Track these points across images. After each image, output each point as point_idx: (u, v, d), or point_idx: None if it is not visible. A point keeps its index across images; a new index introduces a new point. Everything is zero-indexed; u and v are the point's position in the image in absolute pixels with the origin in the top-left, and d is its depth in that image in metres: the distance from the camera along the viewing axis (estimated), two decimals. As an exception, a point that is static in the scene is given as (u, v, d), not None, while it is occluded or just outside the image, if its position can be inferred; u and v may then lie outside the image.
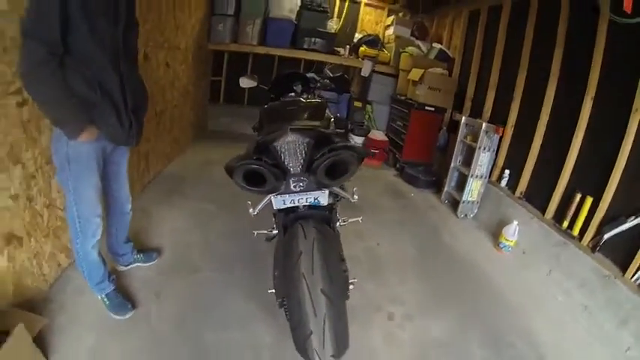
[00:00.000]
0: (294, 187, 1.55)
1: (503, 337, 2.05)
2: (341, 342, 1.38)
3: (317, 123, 1.65)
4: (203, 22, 4.32)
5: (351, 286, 1.57)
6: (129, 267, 2.12)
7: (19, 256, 1.64)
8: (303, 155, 1.50)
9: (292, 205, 1.61)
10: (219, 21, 4.53)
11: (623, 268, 2.18)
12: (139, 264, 2.15)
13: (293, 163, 1.52)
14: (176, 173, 3.56)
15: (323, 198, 1.61)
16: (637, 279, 2.07)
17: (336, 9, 5.43)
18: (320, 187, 1.57)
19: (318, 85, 2.46)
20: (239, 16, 4.60)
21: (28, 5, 1.25)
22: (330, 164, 1.44)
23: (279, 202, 1.60)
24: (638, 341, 1.94)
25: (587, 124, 2.57)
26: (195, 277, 2.16)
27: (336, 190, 1.66)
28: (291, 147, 1.50)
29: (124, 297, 1.87)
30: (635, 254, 2.09)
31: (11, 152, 1.54)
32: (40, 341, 1.52)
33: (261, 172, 1.42)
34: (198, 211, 2.86)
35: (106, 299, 1.81)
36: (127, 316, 1.80)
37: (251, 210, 1.68)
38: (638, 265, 2.07)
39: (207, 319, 1.87)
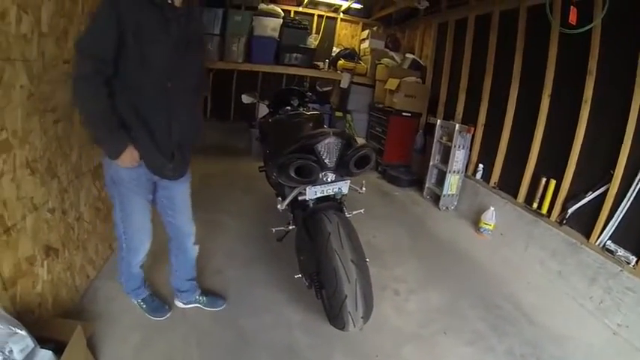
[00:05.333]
0: (326, 179, 1.88)
1: (491, 301, 2.41)
2: (369, 303, 1.66)
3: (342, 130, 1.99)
4: (193, 42, 4.54)
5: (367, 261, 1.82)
6: (188, 306, 1.97)
7: (55, 268, 1.70)
8: (338, 153, 1.85)
9: (322, 195, 1.91)
10: (206, 40, 4.65)
11: (587, 236, 2.56)
12: (200, 306, 1.98)
13: (329, 159, 1.84)
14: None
15: (345, 187, 1.95)
16: (599, 243, 2.45)
17: (315, 25, 5.77)
18: (346, 177, 1.93)
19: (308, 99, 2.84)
20: (225, 36, 4.83)
21: (88, 24, 1.38)
22: (358, 158, 1.81)
23: (313, 192, 1.88)
24: (607, 294, 2.29)
25: (546, 119, 2.99)
26: (220, 276, 2.33)
27: (350, 184, 2.00)
28: (330, 147, 1.83)
29: (160, 300, 1.94)
30: (595, 222, 2.48)
31: (49, 167, 1.64)
32: (88, 347, 1.56)
33: (309, 166, 1.74)
34: (208, 221, 2.95)
35: (142, 303, 1.88)
36: (166, 316, 1.89)
37: (279, 206, 1.97)
38: (599, 231, 2.46)
39: (239, 309, 2.06)
